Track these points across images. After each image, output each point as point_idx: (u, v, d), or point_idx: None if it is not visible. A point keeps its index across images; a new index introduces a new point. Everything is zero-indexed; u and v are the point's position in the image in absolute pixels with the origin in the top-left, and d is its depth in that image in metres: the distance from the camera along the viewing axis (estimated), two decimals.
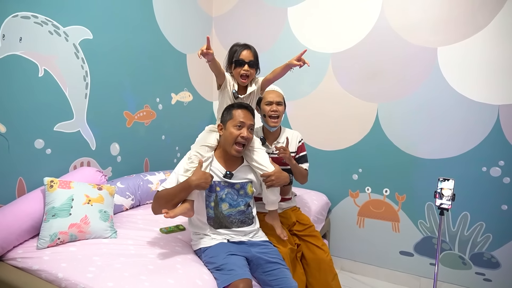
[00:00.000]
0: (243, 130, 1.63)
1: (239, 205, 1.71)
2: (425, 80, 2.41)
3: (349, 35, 2.62)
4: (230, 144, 1.64)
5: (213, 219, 1.67)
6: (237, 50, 1.80)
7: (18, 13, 1.78)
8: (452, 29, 2.31)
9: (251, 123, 1.67)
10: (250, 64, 1.79)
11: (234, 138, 1.63)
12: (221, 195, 1.68)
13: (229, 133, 1.64)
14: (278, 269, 1.62)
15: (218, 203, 1.67)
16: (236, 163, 1.76)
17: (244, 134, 1.62)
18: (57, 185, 1.76)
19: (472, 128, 2.32)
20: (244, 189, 1.74)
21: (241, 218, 1.72)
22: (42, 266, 1.51)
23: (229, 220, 1.69)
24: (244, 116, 1.65)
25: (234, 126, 1.63)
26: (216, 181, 1.68)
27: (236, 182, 1.71)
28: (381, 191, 2.65)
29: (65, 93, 2.03)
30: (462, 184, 2.35)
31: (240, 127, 1.63)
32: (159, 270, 1.48)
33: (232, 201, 1.70)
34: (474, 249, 2.41)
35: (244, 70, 1.77)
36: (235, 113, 1.66)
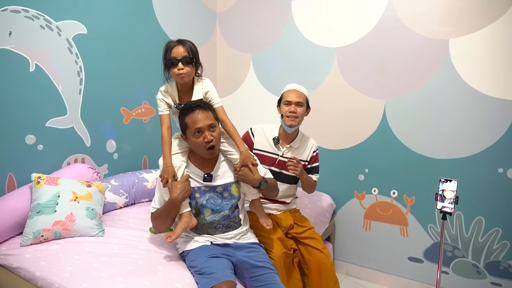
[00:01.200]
0: (204, 135, 1.50)
1: (223, 209, 1.61)
2: (436, 74, 2.25)
3: (355, 28, 2.49)
4: (200, 152, 1.57)
5: (196, 226, 1.58)
6: (169, 47, 1.60)
7: (8, 7, 1.76)
8: (465, 19, 2.14)
9: (209, 123, 1.51)
10: (184, 61, 1.57)
11: (200, 146, 1.53)
12: (202, 201, 1.58)
13: (194, 143, 1.54)
14: (265, 274, 1.52)
15: (199, 210, 1.58)
16: (211, 163, 1.65)
17: (207, 138, 1.50)
18: (44, 181, 1.73)
19: (487, 126, 2.14)
20: (228, 191, 1.63)
21: (226, 223, 1.62)
22: (22, 264, 1.48)
23: (212, 226, 1.60)
24: (197, 121, 1.50)
25: (194, 135, 1.52)
26: (195, 187, 1.59)
27: (217, 185, 1.61)
28: (388, 193, 2.50)
29: (57, 88, 2.00)
30: (476, 187, 2.18)
31: (200, 133, 1.51)
32: (138, 271, 1.42)
33: (215, 206, 1.60)
34: (490, 257, 2.22)
35: (179, 69, 1.56)
36: (188, 120, 1.52)
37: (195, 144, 1.54)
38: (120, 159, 2.39)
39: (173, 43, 1.62)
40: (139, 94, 2.48)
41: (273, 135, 2.01)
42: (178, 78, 1.61)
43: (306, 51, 2.69)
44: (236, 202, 1.64)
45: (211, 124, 1.52)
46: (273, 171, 1.97)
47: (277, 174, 1.99)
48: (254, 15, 2.91)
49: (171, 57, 1.58)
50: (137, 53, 2.44)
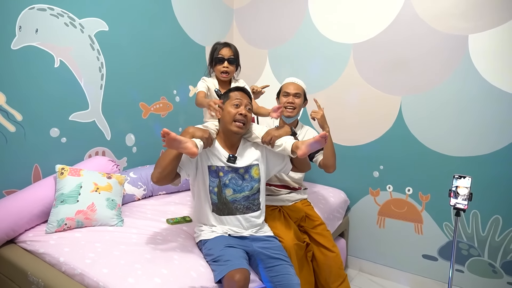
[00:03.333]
0: (240, 108, 1.63)
1: (244, 190, 1.66)
2: (454, 70, 2.22)
3: (372, 24, 2.47)
4: (229, 122, 1.63)
5: (216, 205, 1.64)
6: (217, 48, 1.92)
7: (35, 5, 1.84)
8: (484, 15, 2.10)
9: (248, 102, 1.67)
10: (229, 60, 1.90)
11: (232, 117, 1.62)
12: (224, 180, 1.63)
13: (227, 112, 1.64)
14: (280, 265, 1.56)
15: (221, 188, 1.63)
16: (235, 145, 1.72)
17: (242, 112, 1.62)
18: (67, 172, 1.81)
19: (506, 123, 2.10)
20: (248, 173, 1.68)
21: (246, 204, 1.67)
22: (47, 249, 1.56)
23: (233, 206, 1.65)
24: (240, 96, 1.67)
25: (232, 105, 1.64)
26: (220, 166, 1.64)
27: (240, 167, 1.66)
28: (403, 190, 2.48)
29: (80, 83, 2.08)
30: (494, 185, 2.15)
31: (238, 105, 1.64)
32: (155, 259, 1.47)
33: (236, 186, 1.65)
34: (507, 257, 2.19)
35: (224, 66, 1.89)
36: (231, 94, 1.68)
37: (228, 115, 1.63)
38: (138, 153, 2.46)
39: (220, 44, 1.94)
40: (157, 89, 2.55)
41: (275, 124, 2.11)
42: (221, 75, 1.92)
43: (323, 47, 2.70)
44: (256, 184, 1.69)
45: (249, 104, 1.68)
46: None
47: None
48: (270, 11, 2.93)
49: (219, 56, 1.90)
50: (156, 49, 2.50)
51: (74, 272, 1.42)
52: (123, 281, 1.32)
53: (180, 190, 2.47)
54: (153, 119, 2.54)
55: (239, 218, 1.65)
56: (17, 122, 1.83)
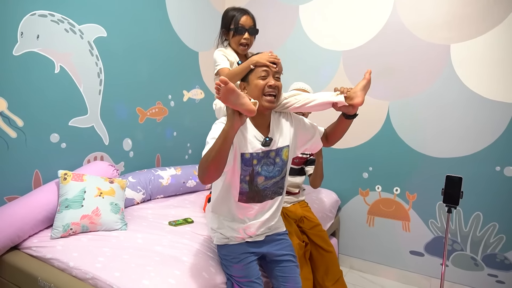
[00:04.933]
0: (269, 79, 1.42)
1: (275, 176, 1.51)
2: (438, 78, 2.38)
3: (361, 32, 2.61)
4: (259, 97, 1.41)
5: (246, 193, 1.48)
6: (236, 16, 1.67)
7: (36, 11, 1.85)
8: (466, 26, 2.27)
9: (276, 71, 1.45)
10: (250, 31, 1.68)
11: (261, 90, 1.41)
12: (257, 168, 1.46)
13: (254, 85, 1.42)
14: (288, 267, 1.60)
15: (253, 177, 1.47)
16: (265, 124, 1.50)
17: (272, 83, 1.41)
18: (70, 178, 1.82)
19: (485, 127, 2.27)
20: (279, 156, 1.51)
21: (274, 189, 1.54)
22: (55, 255, 1.57)
23: (263, 193, 1.51)
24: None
25: (258, 78, 1.42)
26: (254, 153, 1.44)
27: (271, 150, 1.49)
28: (391, 190, 2.62)
29: (79, 89, 2.10)
30: (475, 184, 2.31)
31: (265, 76, 1.42)
32: (165, 261, 1.51)
33: (268, 172, 1.49)
34: (487, 250, 2.36)
35: (245, 38, 1.67)
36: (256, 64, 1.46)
37: (256, 88, 1.42)
38: (135, 157, 2.48)
39: (239, 12, 1.68)
40: (153, 94, 2.58)
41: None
42: (239, 47, 1.70)
43: (313, 54, 2.81)
44: (285, 168, 1.55)
45: (277, 73, 1.46)
46: None
47: None
48: (261, 18, 2.99)
49: (239, 25, 1.66)
50: (151, 55, 2.53)
51: (86, 277, 1.43)
52: (138, 283, 1.35)
53: (178, 193, 2.50)
54: (149, 123, 2.56)
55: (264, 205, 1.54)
56: (18, 128, 1.83)
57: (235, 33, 1.68)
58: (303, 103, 1.53)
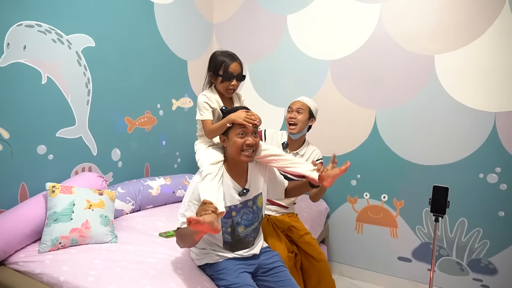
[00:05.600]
0: (246, 137, 1.50)
1: (254, 223, 1.62)
2: (423, 87, 2.44)
3: (348, 42, 2.66)
4: (237, 153, 1.51)
5: (229, 243, 1.58)
6: (225, 62, 1.68)
7: (23, 22, 1.82)
8: (449, 37, 2.34)
9: (254, 129, 1.53)
10: (238, 77, 1.71)
11: (239, 147, 1.50)
12: (237, 219, 1.56)
13: (233, 142, 1.51)
14: (282, 272, 1.63)
15: (234, 227, 1.56)
16: (243, 173, 1.60)
17: (249, 141, 1.50)
18: (59, 190, 1.79)
19: (469, 135, 2.34)
20: (255, 203, 1.62)
21: (254, 235, 1.66)
22: (44, 269, 1.53)
23: (245, 240, 1.61)
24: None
25: (237, 135, 1.50)
26: (232, 205, 1.54)
27: (248, 199, 1.59)
28: (379, 197, 2.67)
29: (67, 99, 2.07)
30: (459, 191, 2.37)
31: (244, 134, 1.51)
32: (160, 274, 1.50)
33: (247, 221, 1.60)
34: (472, 255, 2.42)
35: (233, 85, 1.70)
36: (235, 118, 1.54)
37: (235, 145, 1.50)
38: (124, 167, 2.46)
39: (228, 58, 1.70)
40: (142, 104, 2.56)
41: (283, 140, 2.16)
42: (227, 92, 1.73)
43: (301, 63, 2.85)
44: (261, 213, 1.65)
45: (255, 131, 1.54)
46: None
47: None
48: (250, 27, 3.04)
49: (229, 73, 1.68)
50: (140, 64, 2.52)
51: None
52: None
53: (168, 203, 2.49)
54: (138, 133, 2.54)
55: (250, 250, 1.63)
56: (4, 140, 1.79)
57: (223, 80, 1.69)
58: (282, 166, 1.65)
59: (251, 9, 3.03)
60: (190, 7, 2.95)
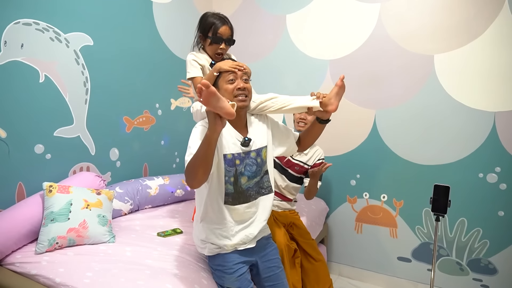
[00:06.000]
0: (237, 82, 1.46)
1: (257, 175, 1.54)
2: (422, 87, 2.44)
3: (347, 42, 2.65)
4: (231, 96, 1.45)
5: (231, 195, 1.50)
6: (215, 24, 1.66)
7: (20, 20, 1.81)
8: (448, 37, 2.33)
9: (242, 73, 1.48)
10: (227, 41, 1.68)
11: (231, 93, 1.45)
12: (241, 168, 1.49)
13: (224, 90, 1.46)
14: (275, 274, 1.62)
15: (237, 177, 1.49)
16: (243, 125, 1.55)
17: (240, 85, 1.45)
18: (56, 190, 1.77)
19: (468, 135, 2.34)
20: (260, 156, 1.55)
21: (257, 189, 1.57)
22: (40, 271, 1.52)
23: (247, 193, 1.53)
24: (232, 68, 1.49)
25: (227, 83, 1.46)
26: (235, 153, 1.48)
27: (252, 150, 1.52)
28: (378, 197, 2.66)
29: (65, 98, 2.05)
30: (459, 190, 2.37)
31: (233, 80, 1.46)
32: (156, 275, 1.49)
33: (250, 172, 1.52)
34: (472, 255, 2.41)
35: (221, 48, 1.67)
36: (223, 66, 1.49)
37: (225, 92, 1.45)
38: (122, 167, 2.44)
39: (218, 20, 1.67)
40: (140, 103, 2.55)
41: None
42: (215, 56, 1.70)
43: (300, 63, 2.84)
44: (264, 166, 1.58)
45: (245, 76, 1.50)
46: (281, 168, 2.18)
47: (284, 171, 2.19)
48: (249, 27, 3.03)
49: (218, 35, 1.65)
50: (139, 63, 2.51)
51: None
52: None
53: (166, 203, 2.47)
54: (136, 132, 2.53)
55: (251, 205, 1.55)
56: (1, 140, 1.77)
57: (212, 42, 1.67)
58: (279, 106, 1.59)
59: (250, 9, 3.02)
60: (189, 6, 2.94)
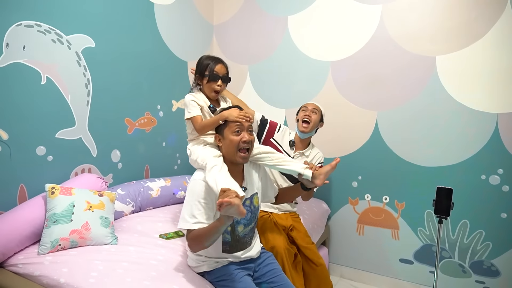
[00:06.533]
0: (243, 134, 1.52)
1: (251, 222, 1.61)
2: (424, 88, 2.44)
3: (349, 43, 2.65)
4: (233, 152, 1.52)
5: (229, 243, 1.55)
6: (210, 64, 1.79)
7: (22, 22, 1.81)
8: (450, 38, 2.34)
9: (249, 124, 1.55)
10: (223, 79, 1.81)
11: (235, 146, 1.51)
12: (237, 218, 1.49)
13: (229, 141, 1.52)
14: (277, 276, 1.62)
15: (234, 226, 1.54)
16: (239, 173, 1.61)
17: (246, 138, 1.51)
18: (59, 192, 1.77)
19: (471, 137, 2.33)
20: (252, 202, 1.61)
21: (251, 234, 1.64)
22: (44, 271, 1.51)
23: (244, 241, 1.59)
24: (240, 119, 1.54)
25: (233, 133, 1.52)
26: None
27: (246, 198, 1.57)
28: (380, 199, 2.65)
29: (67, 100, 2.05)
30: (462, 192, 2.36)
31: (239, 131, 1.52)
32: (162, 276, 1.48)
33: (246, 220, 1.58)
34: (474, 257, 2.41)
35: (218, 85, 1.79)
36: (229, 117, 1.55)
37: (231, 144, 1.51)
38: (124, 169, 2.44)
39: (213, 61, 1.81)
40: (142, 105, 2.55)
41: (291, 138, 2.21)
42: (212, 93, 1.82)
43: (302, 64, 2.84)
44: (257, 213, 1.64)
45: (250, 126, 1.56)
46: None
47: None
48: (250, 28, 3.04)
49: (214, 73, 1.78)
50: (140, 65, 2.51)
51: None
52: None
53: (168, 204, 2.47)
54: (138, 134, 2.53)
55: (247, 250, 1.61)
56: (3, 142, 1.77)
57: (209, 80, 1.79)
58: (275, 163, 1.68)
59: (251, 10, 3.02)
60: (191, 8, 2.94)
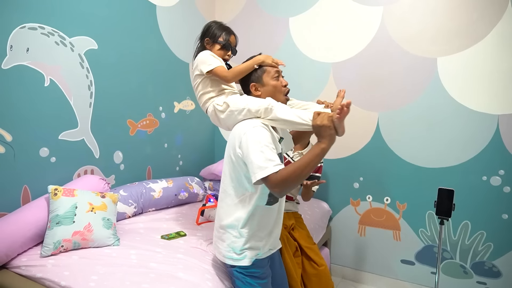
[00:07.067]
0: (281, 79, 1.53)
1: None
2: (425, 89, 2.44)
3: (350, 45, 2.66)
4: (279, 98, 1.50)
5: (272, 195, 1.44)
6: (227, 31, 1.72)
7: (26, 24, 1.82)
8: (451, 40, 2.34)
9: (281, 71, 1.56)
10: (233, 50, 1.76)
11: (280, 90, 1.51)
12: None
13: (273, 86, 1.50)
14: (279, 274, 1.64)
15: None
16: None
17: (285, 82, 1.53)
18: (61, 193, 1.78)
19: (472, 138, 2.33)
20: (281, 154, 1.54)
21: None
22: (46, 274, 1.53)
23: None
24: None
25: (272, 78, 1.50)
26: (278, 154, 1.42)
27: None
28: (382, 200, 2.66)
29: (70, 102, 2.06)
30: (463, 193, 2.36)
31: (278, 77, 1.52)
32: (161, 278, 1.49)
33: None
34: (475, 258, 2.41)
35: (228, 55, 1.74)
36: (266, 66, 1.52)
37: (275, 88, 1.49)
38: (126, 170, 2.45)
39: (228, 31, 1.73)
40: (144, 106, 2.56)
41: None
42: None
43: (303, 65, 2.84)
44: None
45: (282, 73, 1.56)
46: None
47: None
48: (252, 29, 3.04)
49: (229, 43, 1.72)
50: (143, 66, 2.52)
51: None
52: None
53: (169, 206, 2.48)
54: (140, 136, 2.54)
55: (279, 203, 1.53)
56: (7, 143, 1.79)
57: (222, 47, 1.71)
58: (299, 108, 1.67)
59: (252, 12, 3.03)
60: (192, 9, 2.95)
